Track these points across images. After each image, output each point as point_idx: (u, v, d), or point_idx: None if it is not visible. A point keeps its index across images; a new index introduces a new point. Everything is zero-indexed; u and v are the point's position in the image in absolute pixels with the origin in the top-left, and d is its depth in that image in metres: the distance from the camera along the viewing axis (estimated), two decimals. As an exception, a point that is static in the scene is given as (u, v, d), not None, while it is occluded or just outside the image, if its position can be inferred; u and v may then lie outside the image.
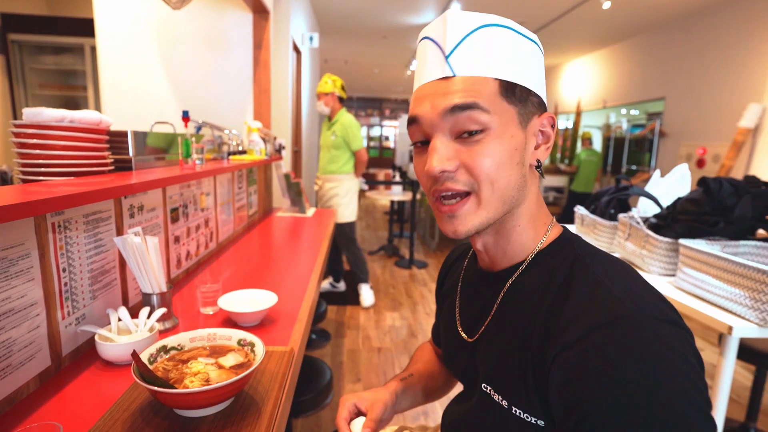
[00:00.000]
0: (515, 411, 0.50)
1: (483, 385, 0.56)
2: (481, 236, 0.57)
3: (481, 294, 0.61)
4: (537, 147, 0.54)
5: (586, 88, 7.19)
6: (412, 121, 0.53)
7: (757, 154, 4.06)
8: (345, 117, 3.16)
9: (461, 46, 0.49)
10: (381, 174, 9.50)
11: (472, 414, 0.59)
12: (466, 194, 0.51)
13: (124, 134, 1.23)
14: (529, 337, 0.49)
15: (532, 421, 0.48)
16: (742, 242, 1.43)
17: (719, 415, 1.25)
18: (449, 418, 0.69)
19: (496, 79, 0.49)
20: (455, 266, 0.74)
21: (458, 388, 0.73)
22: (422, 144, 0.53)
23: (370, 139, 13.94)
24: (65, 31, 3.29)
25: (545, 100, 0.55)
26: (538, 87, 0.53)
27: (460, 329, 0.64)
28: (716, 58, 4.61)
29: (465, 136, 0.49)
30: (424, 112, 0.50)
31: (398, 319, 3.06)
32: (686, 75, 5.03)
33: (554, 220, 0.58)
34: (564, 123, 7.71)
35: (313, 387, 1.26)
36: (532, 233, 0.56)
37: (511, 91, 0.50)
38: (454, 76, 0.49)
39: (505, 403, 0.52)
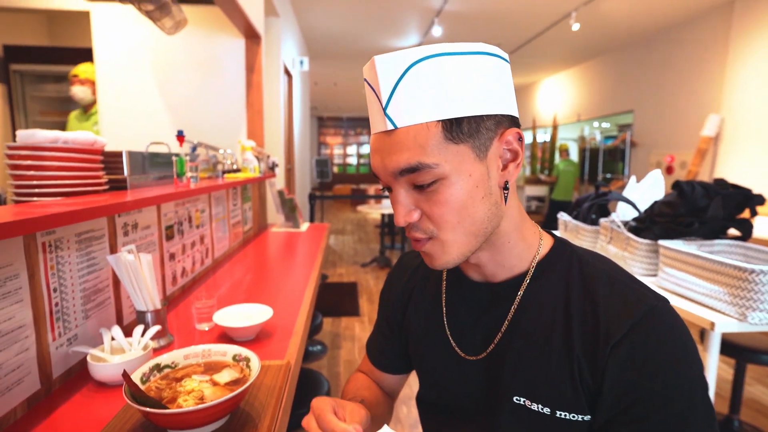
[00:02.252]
0: (559, 414, 0.49)
1: (515, 398, 0.51)
2: (474, 253, 0.52)
3: (484, 308, 0.55)
4: (504, 168, 0.48)
5: (561, 103, 7.32)
6: (375, 174, 0.50)
7: (720, 160, 4.14)
8: None
9: (396, 94, 0.44)
10: (371, 189, 9.50)
11: (501, 430, 0.53)
12: (428, 238, 0.49)
13: (118, 154, 1.19)
14: (568, 341, 0.49)
15: (579, 419, 0.48)
16: (716, 241, 1.43)
17: (706, 409, 1.22)
18: None
19: (439, 121, 0.44)
20: (420, 277, 0.65)
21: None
22: (388, 189, 0.50)
23: (360, 156, 13.99)
24: (65, 60, 3.26)
25: (510, 110, 0.48)
26: (493, 103, 0.46)
27: (456, 348, 0.58)
28: (677, 73, 4.74)
29: (422, 186, 0.46)
30: (379, 169, 0.48)
31: (392, 327, 3.00)
32: (651, 89, 5.15)
33: (539, 226, 0.57)
34: (542, 136, 7.82)
35: (311, 399, 1.21)
36: (524, 244, 0.54)
37: (457, 129, 0.44)
38: (395, 129, 0.45)
39: (546, 410, 0.49)
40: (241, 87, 2.78)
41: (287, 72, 3.96)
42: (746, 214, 1.48)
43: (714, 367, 1.22)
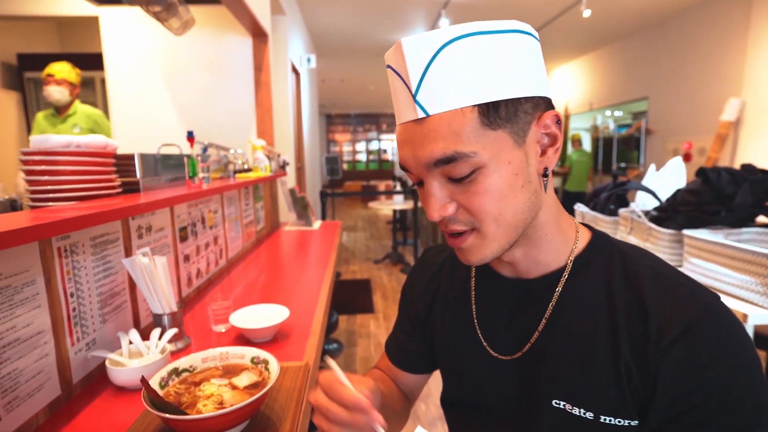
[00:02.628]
0: (604, 419, 0.45)
1: (554, 402, 0.48)
2: (509, 249, 0.49)
3: (517, 306, 0.52)
4: (543, 153, 0.45)
5: (572, 93, 7.18)
6: (404, 168, 0.47)
7: (741, 145, 4.01)
8: (87, 107, 2.52)
9: (426, 79, 0.41)
10: (382, 185, 9.48)
11: None
12: (470, 230, 0.45)
13: (131, 157, 1.19)
14: (613, 342, 0.45)
15: (626, 424, 0.45)
16: (744, 229, 1.38)
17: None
18: None
19: (475, 106, 0.41)
20: (445, 274, 0.63)
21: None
22: (419, 184, 0.47)
23: (369, 152, 13.96)
24: (77, 66, 3.29)
25: (545, 91, 0.45)
26: (529, 84, 0.43)
27: (488, 348, 0.54)
28: (694, 57, 4.59)
29: (459, 178, 0.43)
30: (409, 162, 0.45)
31: (407, 323, 2.98)
32: (667, 74, 5.01)
33: (574, 218, 0.53)
34: (553, 127, 7.69)
35: (330, 398, 1.20)
36: (561, 237, 0.50)
37: (494, 114, 0.41)
38: (427, 116, 0.42)
39: (589, 414, 0.46)
40: (250, 86, 2.78)
41: (295, 70, 3.95)
42: (776, 200, 1.41)
43: (746, 361, 1.17)
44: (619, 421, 0.45)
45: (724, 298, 1.31)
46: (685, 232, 1.36)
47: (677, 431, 0.43)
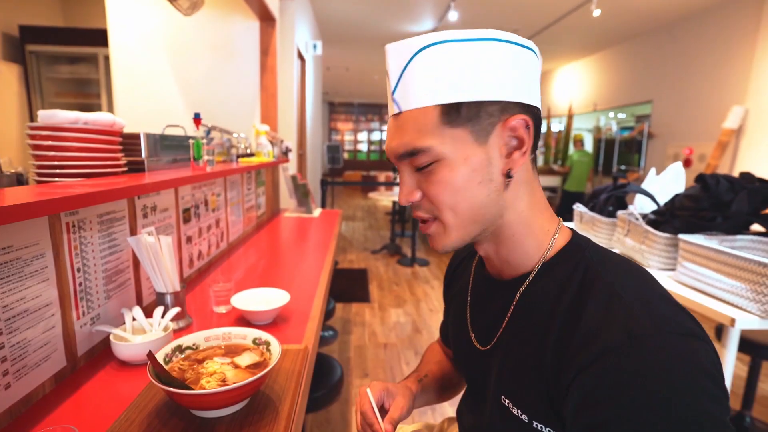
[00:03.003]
0: (536, 425, 0.46)
1: (502, 398, 0.51)
2: (481, 244, 0.53)
3: (492, 303, 0.57)
4: (509, 155, 0.47)
5: (577, 92, 7.16)
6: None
7: (741, 154, 4.03)
8: None
9: (402, 80, 0.47)
10: (382, 176, 9.47)
11: (491, 428, 0.55)
12: (433, 219, 0.50)
13: (136, 136, 1.19)
14: (544, 351, 0.45)
15: None
16: (738, 236, 1.40)
17: (722, 406, 1.21)
18: (466, 424, 0.65)
19: (437, 105, 0.45)
20: (462, 268, 0.69)
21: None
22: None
23: (370, 143, 13.91)
24: (80, 41, 3.25)
25: (522, 97, 0.47)
26: (498, 89, 0.45)
27: (472, 336, 0.59)
28: (700, 63, 4.59)
29: (421, 168, 0.48)
30: (388, 152, 0.51)
31: (402, 315, 3.01)
32: (672, 79, 5.00)
33: (561, 224, 0.53)
34: (556, 126, 7.68)
35: (325, 383, 1.22)
36: (533, 241, 0.51)
37: (455, 113, 0.45)
38: (400, 112, 0.48)
39: (525, 417, 0.48)
40: (255, 70, 2.76)
41: (300, 56, 3.92)
42: (772, 209, 1.44)
43: (731, 364, 1.20)
44: (549, 430, 0.45)
45: (713, 302, 1.32)
46: (681, 236, 1.38)
47: None
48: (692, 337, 0.39)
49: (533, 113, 0.48)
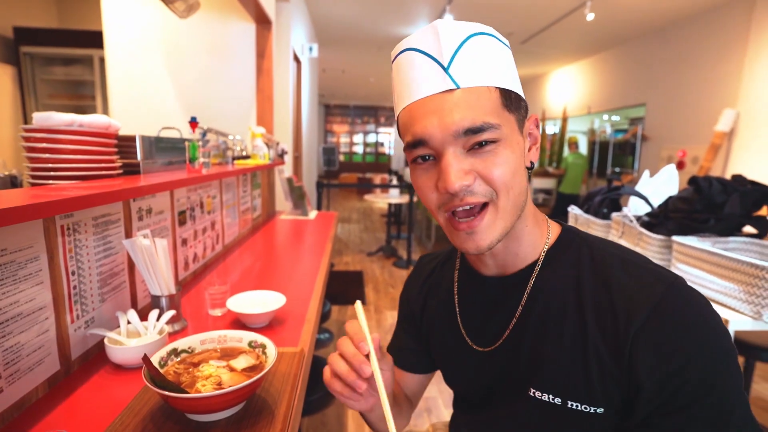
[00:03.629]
0: (571, 405, 0.48)
1: (531, 390, 0.51)
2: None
3: (494, 302, 0.56)
4: (529, 149, 0.52)
5: (571, 95, 7.21)
6: (418, 144, 0.46)
7: (733, 156, 4.07)
8: None
9: (458, 56, 0.45)
10: (377, 178, 9.47)
11: (514, 423, 0.54)
12: (484, 205, 0.47)
13: (132, 139, 1.18)
14: (581, 330, 0.48)
15: (591, 411, 0.47)
16: (731, 238, 1.41)
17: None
18: (475, 427, 0.63)
19: (497, 88, 0.46)
20: (435, 279, 0.67)
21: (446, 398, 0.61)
22: (425, 159, 0.48)
23: (366, 145, 13.92)
24: (75, 42, 3.24)
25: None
26: (521, 91, 0.51)
27: (469, 342, 0.59)
28: (692, 66, 4.64)
29: (476, 147, 0.45)
30: (433, 132, 0.45)
31: (398, 316, 3.01)
32: (665, 82, 5.05)
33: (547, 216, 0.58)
34: (551, 128, 7.73)
35: (321, 386, 1.22)
36: (537, 230, 0.54)
37: (509, 99, 0.48)
38: (457, 88, 0.45)
39: (558, 400, 0.49)
40: (252, 73, 2.76)
41: (296, 58, 3.92)
42: (764, 211, 1.45)
43: (725, 365, 1.21)
44: (585, 408, 0.47)
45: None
46: (675, 238, 1.39)
47: (666, 415, 0.43)
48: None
49: None
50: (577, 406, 0.47)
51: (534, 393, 0.50)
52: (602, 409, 0.47)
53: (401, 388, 0.72)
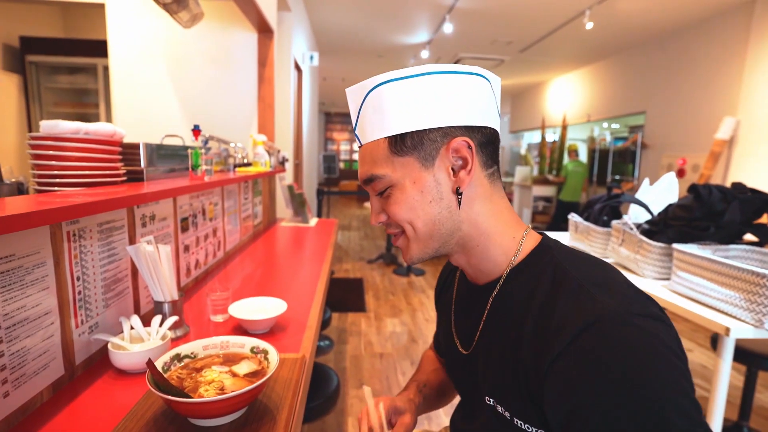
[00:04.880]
0: (517, 422, 0.49)
1: (486, 397, 0.54)
2: (452, 256, 0.57)
3: (471, 307, 0.60)
4: (456, 174, 0.51)
5: (571, 103, 7.26)
6: None
7: (734, 164, 4.09)
8: None
9: (360, 117, 0.54)
10: (378, 186, 9.47)
11: (481, 428, 0.57)
12: (402, 232, 0.56)
13: (135, 146, 1.20)
14: (520, 348, 0.48)
15: (532, 431, 0.48)
16: (731, 246, 1.42)
17: (718, 413, 1.22)
18: (460, 430, 0.67)
19: (385, 138, 0.51)
20: (449, 278, 0.72)
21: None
22: None
23: (367, 153, 13.96)
24: (79, 52, 3.29)
25: (464, 120, 0.50)
26: (440, 116, 0.50)
27: (457, 342, 0.63)
28: (692, 74, 4.68)
29: (380, 193, 0.54)
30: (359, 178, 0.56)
31: (398, 325, 3.01)
32: (665, 90, 5.09)
33: (529, 230, 0.56)
34: (551, 136, 7.76)
35: (322, 393, 1.22)
36: (498, 249, 0.54)
37: (401, 143, 0.51)
38: (361, 145, 0.55)
39: (507, 414, 0.50)
40: (253, 81, 2.79)
41: (297, 67, 3.97)
42: (764, 219, 1.46)
43: (727, 373, 1.21)
44: (528, 427, 0.48)
45: (708, 312, 1.34)
46: (675, 246, 1.40)
47: None
48: (652, 318, 0.42)
49: (482, 132, 0.52)
50: (521, 424, 0.48)
51: (489, 401, 0.53)
52: (542, 431, 0.46)
53: (443, 373, 0.79)
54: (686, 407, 0.38)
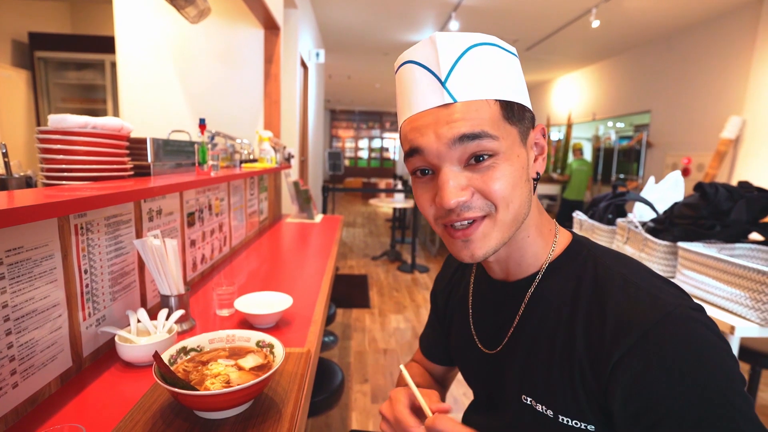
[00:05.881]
0: (562, 419, 0.47)
1: (523, 397, 0.51)
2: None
3: (499, 305, 0.57)
4: (535, 160, 0.51)
5: (576, 102, 7.20)
6: (414, 152, 0.47)
7: (739, 164, 4.04)
8: None
9: (456, 70, 0.45)
10: (382, 183, 9.49)
11: (511, 428, 0.55)
12: (482, 217, 0.47)
13: (143, 141, 1.20)
14: (569, 344, 0.47)
15: (582, 427, 0.46)
16: (737, 245, 1.40)
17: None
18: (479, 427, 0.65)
19: (497, 101, 0.45)
20: (458, 276, 0.69)
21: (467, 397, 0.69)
22: (423, 173, 0.48)
23: (371, 150, 13.96)
24: (87, 48, 3.30)
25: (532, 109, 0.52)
26: (527, 99, 0.50)
27: (477, 342, 0.60)
28: (698, 74, 4.62)
29: (473, 162, 0.45)
30: (428, 142, 0.45)
31: (402, 321, 3.01)
32: (671, 89, 5.04)
33: (557, 224, 0.56)
34: (556, 134, 7.72)
35: (326, 388, 1.22)
36: (541, 241, 0.53)
37: (510, 111, 0.46)
38: (454, 102, 0.44)
39: (550, 412, 0.48)
40: (259, 77, 2.79)
41: (303, 64, 3.96)
42: (770, 218, 1.44)
43: (731, 372, 1.20)
44: (576, 423, 0.46)
45: (713, 310, 1.33)
46: (680, 244, 1.38)
47: None
48: (699, 310, 0.44)
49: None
50: (567, 421, 0.47)
51: (526, 399, 0.51)
52: (593, 427, 0.46)
53: (431, 376, 0.77)
54: (746, 396, 0.40)
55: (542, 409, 0.49)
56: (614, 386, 0.42)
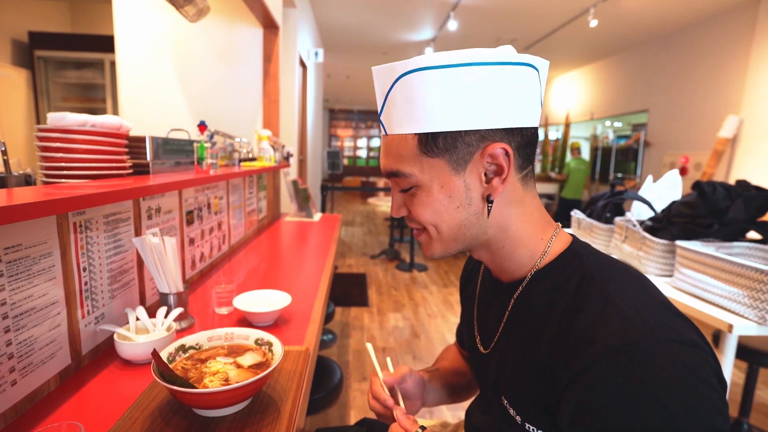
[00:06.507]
0: (528, 427, 0.47)
1: (502, 398, 0.52)
2: (475, 252, 0.54)
3: (493, 305, 0.57)
4: (489, 181, 0.47)
5: (574, 101, 7.21)
6: None
7: (736, 162, 4.05)
8: None
9: (386, 104, 0.48)
10: (381, 182, 9.49)
11: (494, 428, 0.55)
12: (422, 229, 0.52)
13: (142, 139, 1.20)
14: (539, 355, 0.45)
15: None
16: (735, 243, 1.40)
17: (719, 411, 1.21)
18: (474, 423, 0.66)
19: (415, 135, 0.46)
20: (474, 271, 0.69)
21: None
22: None
23: (370, 149, 13.95)
24: (87, 47, 3.29)
25: (505, 122, 0.45)
26: (480, 118, 0.44)
27: (477, 339, 0.61)
28: (696, 73, 4.63)
29: (402, 190, 0.51)
30: (381, 167, 0.53)
31: (401, 320, 3.01)
32: (668, 88, 5.04)
33: (559, 229, 0.52)
34: (554, 134, 7.72)
35: (325, 386, 1.22)
36: (525, 251, 0.51)
37: (432, 143, 0.45)
38: (386, 134, 0.50)
39: (518, 418, 0.48)
40: (258, 76, 2.78)
41: (302, 63, 3.95)
42: None
43: (729, 370, 1.20)
44: None
45: (710, 309, 1.32)
46: (678, 243, 1.38)
47: None
48: (690, 346, 0.38)
49: (521, 134, 0.47)
50: (533, 430, 0.46)
51: (504, 402, 0.51)
52: None
53: (464, 357, 0.79)
54: None
55: (513, 413, 0.49)
56: (564, 405, 0.41)
